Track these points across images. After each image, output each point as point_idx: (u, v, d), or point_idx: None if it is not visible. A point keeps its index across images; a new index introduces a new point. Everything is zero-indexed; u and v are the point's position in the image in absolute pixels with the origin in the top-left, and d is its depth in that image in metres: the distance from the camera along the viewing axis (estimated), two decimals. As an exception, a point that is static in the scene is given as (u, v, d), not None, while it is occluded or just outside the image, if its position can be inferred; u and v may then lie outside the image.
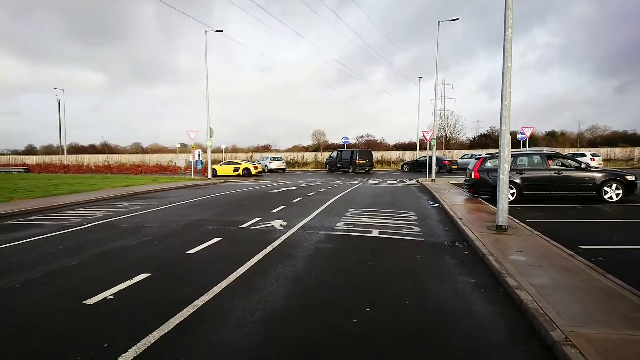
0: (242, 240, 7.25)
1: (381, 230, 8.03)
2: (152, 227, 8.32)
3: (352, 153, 35.37)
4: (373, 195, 15.15)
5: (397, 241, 7.21)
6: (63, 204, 11.69)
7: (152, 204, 12.15)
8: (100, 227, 8.42)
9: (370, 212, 10.40)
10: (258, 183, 21.77)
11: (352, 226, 8.48)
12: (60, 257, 5.87)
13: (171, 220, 9.16)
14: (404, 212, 10.48)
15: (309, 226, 8.47)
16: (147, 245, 6.77)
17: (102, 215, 9.97)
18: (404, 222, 9.11)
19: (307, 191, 16.21)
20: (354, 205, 11.87)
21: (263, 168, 38.19)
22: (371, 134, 67.02)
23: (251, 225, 8.54)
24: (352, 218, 9.49)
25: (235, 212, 10.54)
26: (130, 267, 5.41)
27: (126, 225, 8.52)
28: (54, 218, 9.46)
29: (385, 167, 43.76)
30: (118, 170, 32.45)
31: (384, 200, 13.30)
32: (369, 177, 28.56)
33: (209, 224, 8.66)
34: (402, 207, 11.45)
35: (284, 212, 10.30)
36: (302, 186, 19.23)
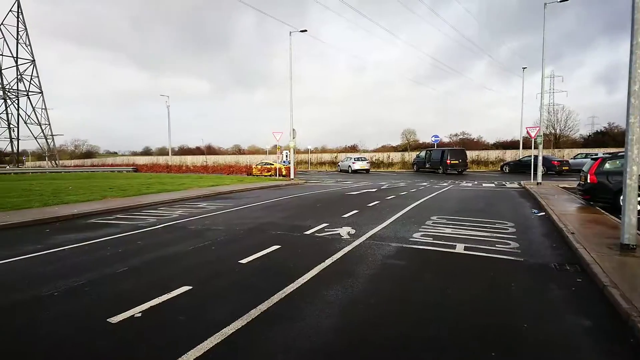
0: (301, 249, 6.53)
1: (468, 245, 6.70)
2: (216, 230, 8.04)
3: (443, 152, 33.00)
4: (463, 200, 13.47)
5: (487, 261, 5.87)
6: (148, 203, 12.22)
7: (229, 205, 12.13)
8: (169, 228, 8.39)
9: (456, 221, 9.00)
10: (338, 184, 21.12)
11: (432, 238, 7.26)
12: (113, 263, 5.71)
13: (238, 223, 8.84)
14: (499, 223, 8.88)
15: (380, 236, 7.45)
16: (203, 251, 6.40)
17: (178, 215, 10.07)
18: (498, 235, 7.61)
19: (386, 194, 15.07)
20: (437, 211, 10.50)
21: (346, 169, 37.66)
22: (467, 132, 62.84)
23: (316, 231, 7.80)
24: (433, 228, 8.22)
25: (304, 216, 9.92)
26: (174, 278, 4.99)
27: (193, 228, 8.37)
28: (133, 217, 9.77)
29: (481, 167, 40.23)
30: (213, 170, 34.46)
31: (475, 207, 11.64)
32: (461, 178, 26.24)
33: (273, 229, 8.12)
34: (497, 216, 9.79)
35: (356, 218, 9.39)
36: (383, 188, 18.08)
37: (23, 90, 42.27)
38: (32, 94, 42.88)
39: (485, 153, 41.67)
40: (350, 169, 36.74)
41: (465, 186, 19.59)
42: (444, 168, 32.39)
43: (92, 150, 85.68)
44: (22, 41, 41.90)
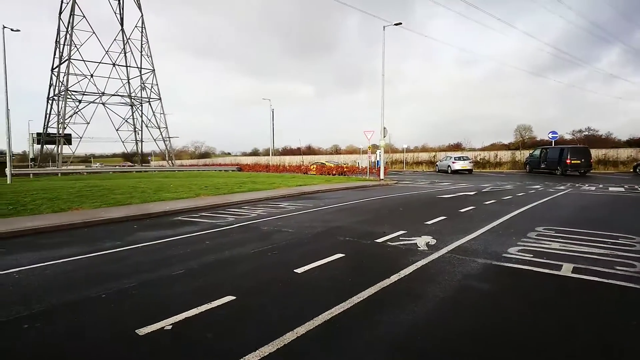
0: (366, 260, 5.80)
1: (578, 266, 5.31)
2: (285, 233, 7.70)
3: (562, 151, 28.98)
4: (580, 207, 11.29)
5: (602, 288, 4.52)
6: (235, 201, 12.53)
7: (308, 206, 11.84)
8: (242, 228, 8.31)
9: (567, 234, 7.37)
10: (432, 186, 19.61)
11: (532, 255, 5.94)
12: (173, 263, 5.65)
13: (309, 226, 8.41)
14: (622, 237, 7.06)
15: (465, 249, 6.34)
16: (263, 256, 6.05)
17: (256, 215, 10.04)
18: (620, 253, 5.98)
19: (486, 198, 13.37)
20: (545, 221, 8.81)
21: (445, 169, 35.25)
22: (593, 128, 54.81)
23: (389, 240, 6.97)
24: (536, 242, 6.79)
25: (382, 220, 9.09)
26: (222, 286, 4.68)
27: (265, 229, 8.16)
28: (215, 216, 9.99)
29: (609, 168, 34.42)
30: (306, 170, 35.12)
31: (594, 216, 9.60)
32: (583, 181, 22.61)
33: (343, 234, 7.49)
34: (621, 229, 7.85)
35: (440, 226, 8.28)
36: (485, 191, 16.20)
37: (145, 97, 48.33)
38: (152, 100, 48.80)
39: (614, 152, 35.50)
40: (450, 169, 34.29)
41: (586, 190, 16.65)
42: (563, 169, 28.38)
43: (209, 151, 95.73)
44: (145, 53, 47.98)
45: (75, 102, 43.97)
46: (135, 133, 49.37)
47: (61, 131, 41.80)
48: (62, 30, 42.34)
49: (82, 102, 44.31)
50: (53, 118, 43.08)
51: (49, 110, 44.32)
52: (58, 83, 41.93)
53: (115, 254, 6.26)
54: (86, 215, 9.59)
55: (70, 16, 41.51)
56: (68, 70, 41.49)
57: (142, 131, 48.97)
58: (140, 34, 47.67)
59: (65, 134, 46.16)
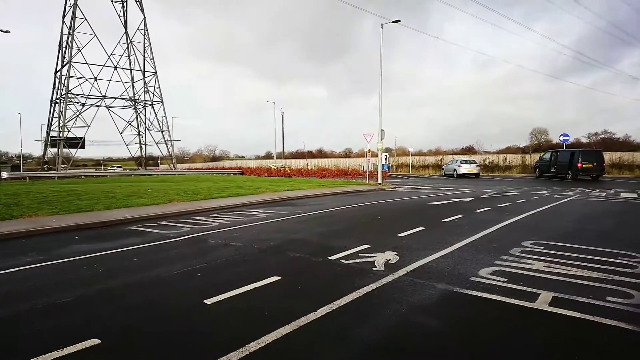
0: (304, 285, 4.83)
1: (559, 296, 4.29)
2: (232, 247, 6.77)
3: (573, 154, 27.52)
4: (583, 216, 10.12)
5: (583, 329, 3.50)
6: (207, 208, 11.67)
7: (282, 213, 10.90)
8: (188, 242, 7.40)
9: (558, 250, 6.30)
10: (431, 191, 18.49)
11: (507, 278, 4.91)
12: (66, 289, 4.73)
13: (266, 239, 7.46)
14: (624, 256, 5.97)
15: (429, 270, 5.33)
16: (181, 279, 5.10)
17: (217, 225, 9.14)
18: (616, 277, 4.93)
19: (481, 205, 12.25)
20: (537, 233, 7.72)
21: (451, 173, 33.95)
22: (610, 131, 52.96)
23: (345, 257, 5.98)
24: (518, 260, 5.74)
25: (351, 232, 8.09)
26: (105, 323, 3.78)
27: (212, 242, 7.24)
28: (171, 225, 9.13)
29: (624, 172, 32.68)
30: (307, 174, 34.23)
31: (596, 228, 8.46)
32: (594, 186, 21.25)
33: (296, 249, 6.52)
34: (624, 244, 6.74)
35: (413, 239, 7.25)
36: (483, 197, 15.07)
37: (148, 100, 48.11)
38: (155, 103, 48.54)
39: (629, 155, 33.66)
40: (456, 173, 32.99)
41: (595, 196, 15.37)
42: (574, 173, 26.93)
43: (223, 155, 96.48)
44: (148, 56, 47.78)
45: (78, 106, 44.00)
46: (140, 136, 49.24)
47: (62, 134, 41.72)
48: (65, 34, 42.48)
49: (85, 105, 44.24)
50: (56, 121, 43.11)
51: (52, 113, 44.50)
52: (60, 86, 42.03)
53: (16, 274, 5.40)
54: (34, 224, 8.83)
55: (71, 19, 41.60)
56: (69, 73, 41.45)
57: (146, 134, 48.85)
58: (143, 37, 47.56)
59: (78, 137, 46.23)
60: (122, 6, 47.06)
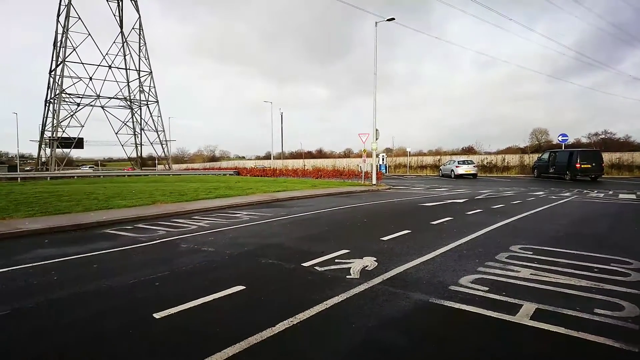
0: (268, 295, 4.46)
1: (543, 308, 3.95)
2: (202, 253, 6.40)
3: (571, 154, 27.15)
4: (578, 219, 9.74)
5: (566, 347, 3.13)
6: (190, 210, 11.31)
7: (266, 215, 10.54)
8: (158, 246, 7.03)
9: (547, 256, 5.93)
10: (426, 192, 18.13)
11: (489, 287, 4.56)
12: (4, 301, 4.41)
13: (241, 243, 7.10)
14: (616, 261, 5.61)
15: (406, 278, 4.97)
16: (137, 288, 4.71)
17: (196, 227, 8.78)
18: (606, 286, 4.58)
19: (473, 207, 11.88)
20: (528, 237, 7.35)
21: (448, 173, 33.58)
22: (610, 131, 52.67)
23: (320, 263, 5.62)
24: (503, 267, 5.38)
25: (333, 235, 7.71)
26: (21, 344, 3.43)
27: (184, 247, 6.88)
28: (148, 229, 8.77)
29: (624, 173, 32.30)
30: (302, 174, 33.82)
31: (589, 232, 8.09)
32: (592, 187, 20.90)
33: (271, 255, 6.16)
34: (618, 249, 6.38)
35: (396, 243, 6.89)
36: (478, 199, 14.70)
37: (144, 100, 47.81)
38: (150, 103, 48.25)
39: (629, 155, 33.23)
40: (453, 173, 32.61)
41: (593, 197, 15.01)
42: (572, 173, 26.56)
43: (223, 155, 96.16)
44: (143, 55, 47.46)
45: (73, 105, 43.65)
46: (135, 136, 48.89)
47: (55, 134, 41.41)
48: (60, 33, 42.16)
49: (80, 105, 43.90)
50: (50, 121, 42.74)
51: (46, 113, 44.21)
52: (55, 86, 41.70)
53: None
54: (4, 227, 8.47)
55: (65, 18, 41.26)
56: (62, 73, 41.12)
57: (142, 134, 48.50)
58: (138, 36, 47.23)
59: (72, 137, 45.85)
60: (118, 5, 46.80)
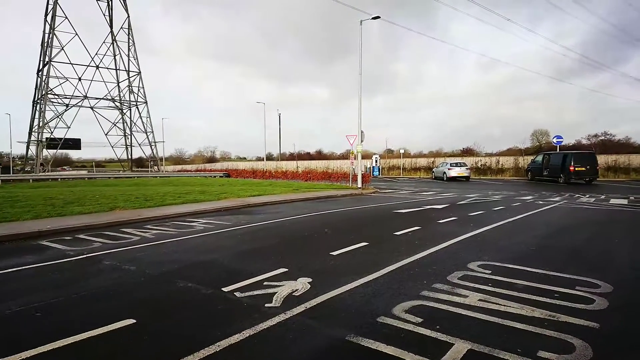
0: (157, 332, 3.75)
1: (477, 348, 3.28)
2: (120, 272, 5.68)
3: (565, 157, 26.48)
4: (556, 230, 9.02)
5: None
6: (147, 217, 10.62)
7: (225, 224, 9.82)
8: (74, 264, 6.24)
9: (506, 277, 5.22)
10: (411, 196, 17.42)
11: (425, 318, 3.88)
12: None
13: (169, 260, 6.35)
14: (583, 283, 4.93)
15: (334, 305, 4.28)
16: (10, 321, 4.04)
17: (137, 239, 8.06)
18: (562, 317, 3.92)
19: (450, 214, 11.18)
20: (492, 252, 6.64)
21: (441, 176, 32.87)
22: (610, 133, 51.90)
23: (244, 287, 4.89)
24: (451, 290, 4.68)
25: (276, 250, 6.93)
26: None
27: (106, 264, 6.15)
28: (85, 240, 8.06)
29: (620, 175, 31.55)
30: (292, 177, 33.14)
31: (564, 244, 7.37)
32: (586, 190, 20.19)
33: (191, 277, 5.40)
34: (588, 267, 5.69)
35: (344, 259, 6.18)
36: (460, 203, 14.03)
37: (133, 100, 47.20)
38: (140, 103, 47.62)
39: (625, 157, 32.45)
40: (446, 176, 31.90)
41: (583, 203, 14.31)
42: (566, 176, 25.88)
43: (224, 156, 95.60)
44: (132, 55, 46.85)
45: (62, 106, 43.03)
46: (125, 138, 48.27)
47: (41, 135, 40.79)
48: (47, 32, 41.51)
49: (69, 106, 43.24)
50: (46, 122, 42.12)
51: (34, 114, 43.55)
52: (42, 86, 41.08)
53: None
54: None
55: (52, 18, 40.64)
56: (49, 73, 40.51)
57: (132, 136, 47.80)
58: (127, 36, 46.59)
59: (74, 138, 45.26)
60: (108, 5, 46.21)
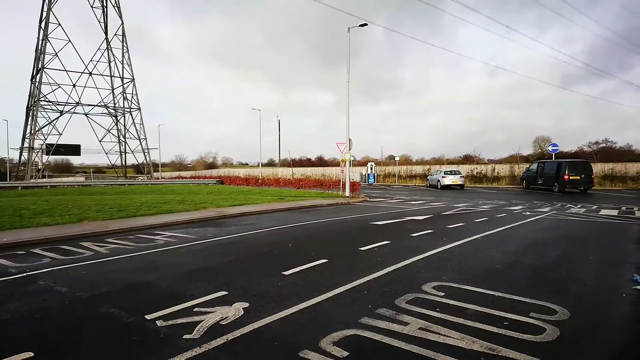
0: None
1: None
2: (47, 295, 5.31)
3: (560, 165, 26.04)
4: (529, 245, 8.60)
5: None
6: (108, 230, 10.19)
7: (189, 237, 9.45)
8: (14, 282, 5.92)
9: (458, 300, 4.84)
10: (398, 206, 17.04)
11: (351, 351, 3.51)
12: None
13: (107, 281, 5.94)
14: (539, 309, 4.55)
15: (261, 336, 3.91)
16: None
17: (89, 255, 7.71)
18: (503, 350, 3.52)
19: (427, 226, 10.80)
20: (453, 271, 6.26)
21: (435, 184, 32.49)
22: (611, 140, 51.61)
23: (169, 315, 4.51)
24: (393, 318, 4.30)
25: (225, 269, 6.50)
26: None
27: (40, 284, 5.79)
28: (39, 255, 7.72)
29: (616, 184, 31.08)
30: (284, 184, 32.79)
31: (533, 262, 6.97)
32: (579, 200, 19.79)
33: (119, 301, 5.03)
34: (549, 290, 5.32)
35: (295, 279, 5.80)
36: (444, 214, 13.68)
37: (126, 107, 47.16)
38: (133, 110, 47.53)
39: (622, 166, 31.95)
40: (440, 184, 31.50)
41: (572, 214, 13.92)
42: (561, 185, 25.46)
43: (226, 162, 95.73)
44: (125, 62, 46.83)
45: (55, 113, 42.95)
46: (120, 144, 48.10)
47: (32, 142, 40.66)
48: (41, 39, 41.51)
49: (63, 113, 43.14)
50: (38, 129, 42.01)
51: (27, 120, 43.42)
52: (36, 92, 41.01)
53: None
54: None
55: (45, 25, 40.64)
56: (41, 80, 40.43)
57: (126, 142, 47.63)
58: (122, 43, 46.60)
59: (74, 145, 45.10)
60: (103, 12, 46.31)
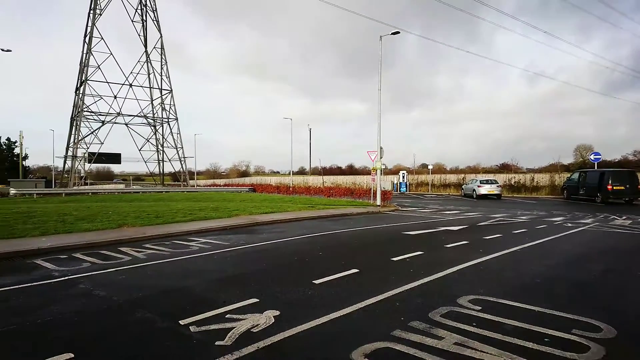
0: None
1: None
2: (86, 299, 5.49)
3: (602, 175, 24.84)
4: (571, 259, 8.16)
5: None
6: (146, 236, 10.48)
7: (222, 244, 9.59)
8: (56, 286, 6.17)
9: (495, 315, 4.62)
10: (432, 215, 16.68)
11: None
12: None
13: (143, 286, 6.09)
14: (582, 326, 4.27)
15: (292, 345, 3.89)
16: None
17: (128, 260, 7.98)
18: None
19: (462, 237, 10.47)
20: (489, 284, 6.02)
21: (470, 193, 31.64)
22: (658, 148, 48.81)
23: (202, 321, 4.56)
24: (427, 331, 4.16)
25: (255, 278, 6.51)
26: None
27: (80, 289, 6.01)
28: (79, 260, 8.05)
29: (667, 195, 28.97)
30: (315, 192, 32.85)
31: (574, 278, 6.58)
32: (623, 211, 18.75)
33: (154, 306, 5.13)
34: (594, 305, 5.00)
35: (326, 289, 5.74)
36: (480, 225, 13.29)
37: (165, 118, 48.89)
38: (171, 120, 49.19)
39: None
40: (475, 193, 30.65)
41: (616, 226, 13.16)
42: (604, 196, 24.22)
43: (258, 170, 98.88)
44: (164, 73, 48.63)
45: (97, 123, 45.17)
46: (158, 153, 49.93)
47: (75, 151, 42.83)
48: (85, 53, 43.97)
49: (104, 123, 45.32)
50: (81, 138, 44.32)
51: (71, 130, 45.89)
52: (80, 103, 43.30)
53: None
54: None
55: (89, 39, 42.98)
56: (84, 91, 42.66)
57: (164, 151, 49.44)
58: (160, 55, 48.56)
59: (115, 153, 47.27)
60: (142, 26, 48.53)
